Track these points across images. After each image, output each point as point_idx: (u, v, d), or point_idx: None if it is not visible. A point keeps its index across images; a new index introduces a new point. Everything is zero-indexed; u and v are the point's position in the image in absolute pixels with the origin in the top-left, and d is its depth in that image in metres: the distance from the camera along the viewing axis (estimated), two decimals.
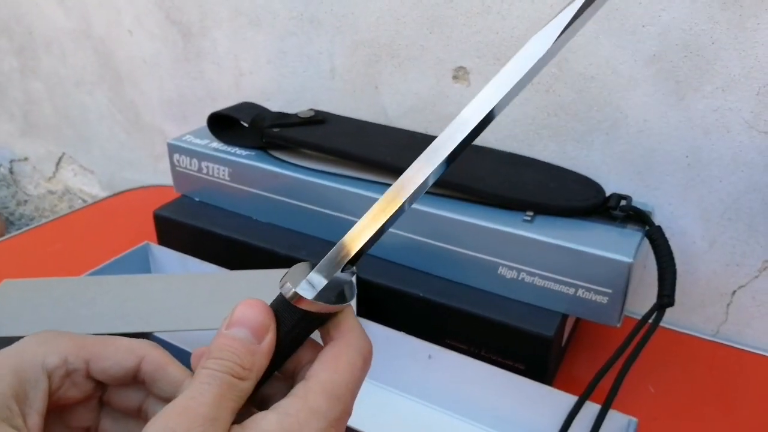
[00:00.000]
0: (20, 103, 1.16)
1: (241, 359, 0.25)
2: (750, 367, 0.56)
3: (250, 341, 0.26)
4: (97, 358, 0.29)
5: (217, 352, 0.25)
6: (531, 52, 0.28)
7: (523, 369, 0.50)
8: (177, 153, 0.66)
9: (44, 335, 0.30)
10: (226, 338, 0.26)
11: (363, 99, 0.73)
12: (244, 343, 0.26)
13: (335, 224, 0.58)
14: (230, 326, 0.26)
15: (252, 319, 0.26)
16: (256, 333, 0.26)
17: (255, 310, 0.26)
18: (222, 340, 0.26)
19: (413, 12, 0.65)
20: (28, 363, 0.28)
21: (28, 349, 0.29)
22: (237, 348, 0.25)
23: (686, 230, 0.59)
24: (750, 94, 0.53)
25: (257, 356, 0.26)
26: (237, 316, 0.26)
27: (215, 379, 0.24)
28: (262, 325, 0.26)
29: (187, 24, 0.84)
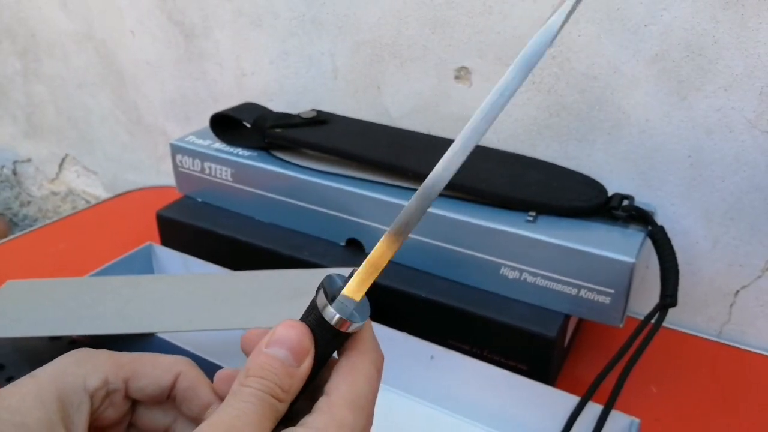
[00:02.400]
0: (23, 105, 1.16)
1: (281, 381, 0.25)
2: (753, 368, 0.56)
3: (290, 363, 0.26)
4: (135, 377, 0.30)
5: (258, 370, 0.25)
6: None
7: (525, 369, 0.49)
8: (179, 154, 0.66)
9: (82, 354, 0.30)
10: (267, 357, 0.26)
11: (365, 99, 0.73)
12: (284, 364, 0.26)
13: (338, 224, 0.58)
14: (271, 345, 0.26)
15: (293, 341, 0.26)
16: (296, 355, 0.26)
17: (297, 331, 0.26)
18: (263, 358, 0.26)
19: (415, 12, 0.65)
20: (70, 386, 0.28)
21: (69, 371, 0.29)
22: (277, 369, 0.25)
23: (689, 230, 0.59)
24: (752, 94, 0.53)
25: (295, 379, 0.26)
26: (278, 336, 0.26)
27: (257, 399, 0.25)
28: (302, 348, 0.26)
29: (189, 25, 0.84)
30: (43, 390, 0.28)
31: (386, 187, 0.56)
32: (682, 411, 0.51)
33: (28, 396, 0.28)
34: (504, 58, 0.62)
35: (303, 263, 0.57)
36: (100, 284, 0.53)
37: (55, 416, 0.27)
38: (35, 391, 0.28)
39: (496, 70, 0.63)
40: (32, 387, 0.28)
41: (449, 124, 0.69)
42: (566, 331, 0.51)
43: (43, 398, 0.27)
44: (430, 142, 0.62)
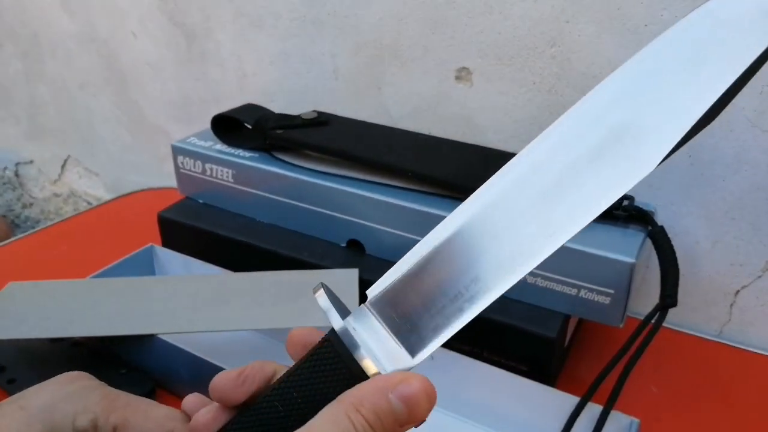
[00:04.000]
0: (25, 107, 1.16)
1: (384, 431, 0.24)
2: (753, 368, 0.56)
3: (401, 422, 0.24)
4: (126, 425, 0.29)
5: (367, 410, 0.24)
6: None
7: (525, 370, 0.50)
8: (181, 155, 0.66)
9: (76, 386, 0.29)
10: (388, 404, 0.24)
11: (366, 100, 0.73)
12: (396, 420, 0.24)
13: (339, 226, 0.58)
14: (398, 392, 0.24)
15: (419, 402, 0.24)
16: (412, 418, 0.24)
17: (427, 397, 0.24)
18: (380, 401, 0.24)
19: (415, 13, 0.65)
20: (58, 423, 0.28)
21: (59, 407, 0.28)
22: (387, 419, 0.24)
23: (689, 230, 0.59)
24: (753, 93, 0.52)
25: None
26: (408, 391, 0.24)
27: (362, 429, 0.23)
28: (422, 411, 0.24)
29: (190, 26, 0.84)
30: (31, 424, 0.27)
31: (387, 188, 0.56)
32: (682, 411, 0.51)
33: (13, 426, 0.27)
34: (504, 59, 0.62)
35: (304, 264, 0.57)
36: (101, 286, 0.53)
37: None
38: (23, 423, 0.27)
39: (497, 71, 0.63)
40: (20, 418, 0.28)
41: (450, 125, 0.69)
42: (566, 332, 0.51)
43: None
44: (431, 143, 0.62)
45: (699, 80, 0.22)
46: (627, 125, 0.23)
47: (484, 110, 0.66)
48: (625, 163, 0.23)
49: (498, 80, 0.63)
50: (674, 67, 0.23)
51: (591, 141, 0.24)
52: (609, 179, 0.23)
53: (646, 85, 0.23)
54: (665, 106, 0.23)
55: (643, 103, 0.23)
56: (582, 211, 0.24)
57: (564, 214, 0.24)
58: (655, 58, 0.23)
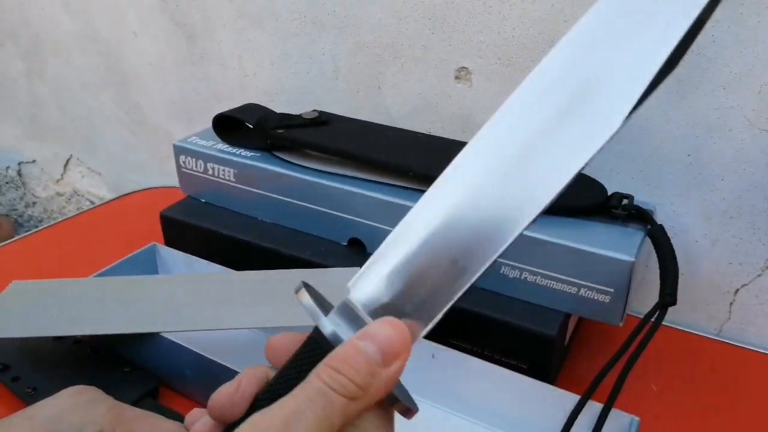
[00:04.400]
0: (27, 106, 1.17)
1: (362, 379, 0.23)
2: (753, 366, 0.56)
3: (376, 362, 0.23)
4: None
5: (337, 361, 0.23)
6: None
7: (526, 368, 0.50)
8: (183, 154, 0.67)
9: (82, 399, 0.30)
10: (356, 351, 0.23)
11: (366, 99, 0.74)
12: (369, 361, 0.23)
13: (340, 225, 0.59)
14: (363, 338, 0.24)
15: (388, 339, 0.24)
16: (386, 356, 0.23)
17: (394, 330, 0.24)
18: (348, 350, 0.24)
19: (415, 12, 0.66)
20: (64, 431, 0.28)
21: (65, 418, 0.28)
22: (361, 365, 0.23)
23: (688, 229, 0.60)
24: (751, 92, 0.53)
25: (377, 380, 0.23)
26: (373, 331, 0.24)
27: (323, 397, 0.22)
28: (394, 348, 0.24)
29: (191, 26, 0.84)
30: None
31: (387, 187, 0.56)
32: (681, 409, 0.51)
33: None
34: (503, 58, 0.63)
35: (305, 263, 0.58)
36: (104, 284, 0.54)
37: None
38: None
39: (496, 70, 0.63)
40: (27, 428, 0.28)
41: (449, 124, 0.69)
42: (566, 330, 0.51)
43: None
44: (431, 142, 0.63)
45: (655, 31, 0.22)
46: (588, 83, 0.23)
47: (483, 110, 0.66)
48: (591, 121, 0.23)
49: (497, 80, 0.64)
50: (628, 19, 0.22)
51: (554, 104, 0.23)
52: (578, 140, 0.23)
53: (602, 41, 0.23)
54: (624, 60, 0.22)
55: (601, 59, 0.23)
56: (554, 176, 0.23)
57: (533, 185, 0.23)
58: (606, 14, 0.23)
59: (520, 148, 0.24)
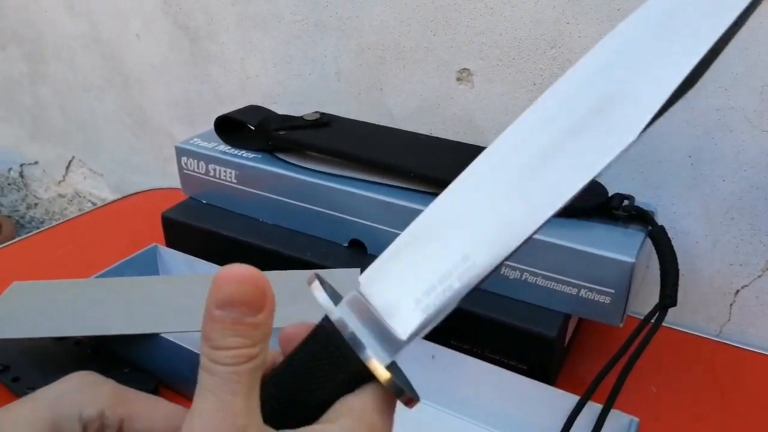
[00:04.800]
0: (30, 108, 1.17)
1: (249, 338, 0.23)
2: (753, 367, 0.56)
3: (250, 316, 0.23)
4: (131, 419, 0.29)
5: (221, 341, 0.23)
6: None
7: (525, 369, 0.50)
8: (185, 156, 0.67)
9: (85, 380, 0.30)
10: (224, 321, 0.23)
11: (368, 101, 0.74)
12: (244, 321, 0.23)
13: (341, 226, 0.59)
14: (221, 306, 0.23)
15: (243, 292, 0.23)
16: (251, 306, 0.23)
17: (242, 282, 0.24)
18: (219, 324, 0.23)
19: (417, 14, 0.66)
20: (65, 411, 0.28)
21: (68, 398, 0.29)
22: (239, 329, 0.23)
23: (689, 230, 0.60)
24: (753, 93, 0.53)
25: (261, 327, 0.24)
26: (224, 294, 0.23)
27: (237, 375, 0.23)
28: (256, 296, 0.24)
29: (194, 28, 0.85)
30: (38, 415, 0.28)
31: (388, 189, 0.57)
32: (681, 410, 0.51)
33: (20, 420, 0.28)
34: (505, 60, 0.63)
35: (306, 264, 0.58)
36: (105, 285, 0.54)
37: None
38: (29, 415, 0.28)
39: (498, 72, 0.64)
40: (27, 411, 0.28)
41: (451, 126, 0.69)
42: (566, 331, 0.51)
43: (36, 424, 0.27)
44: (433, 144, 0.63)
45: (675, 49, 0.22)
46: (607, 97, 0.23)
47: (485, 111, 0.66)
48: (607, 133, 0.23)
49: (499, 81, 0.64)
50: (650, 37, 0.23)
51: (572, 115, 0.24)
52: (592, 151, 0.23)
53: (624, 58, 0.23)
54: (644, 76, 0.23)
55: (621, 74, 0.23)
56: (566, 184, 0.24)
57: (548, 187, 0.24)
58: (630, 32, 0.24)
59: (537, 154, 0.24)
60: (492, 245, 0.25)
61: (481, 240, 0.25)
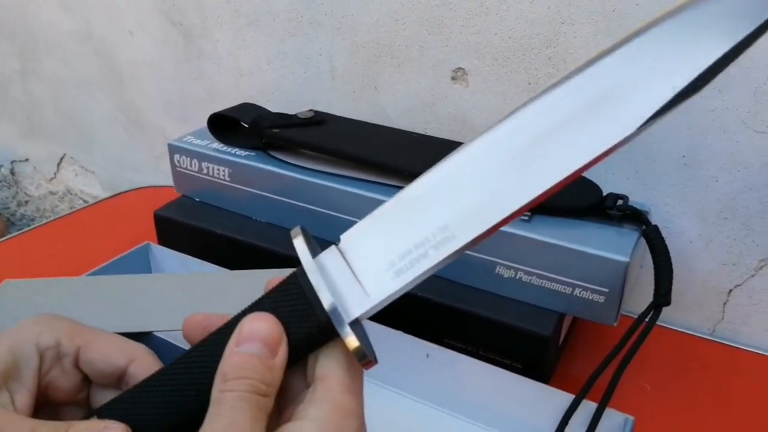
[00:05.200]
0: (22, 105, 1.16)
1: (263, 376, 0.24)
2: (746, 366, 0.56)
3: (266, 356, 0.25)
4: (87, 348, 0.30)
5: (236, 371, 0.24)
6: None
7: (520, 368, 0.50)
8: (177, 153, 0.66)
9: (43, 317, 0.31)
10: (242, 356, 0.25)
11: (362, 99, 0.74)
12: (261, 359, 0.25)
13: (334, 224, 0.59)
14: (242, 343, 0.25)
15: (264, 333, 0.25)
16: (270, 347, 0.25)
17: (265, 323, 0.25)
18: (237, 358, 0.25)
19: (412, 13, 0.66)
20: (23, 340, 0.29)
21: (26, 328, 0.30)
22: (255, 365, 0.24)
23: (683, 229, 0.60)
24: (747, 94, 0.53)
25: (275, 371, 0.25)
26: (248, 332, 0.25)
27: (245, 402, 0.24)
28: (274, 338, 0.25)
29: (187, 25, 0.84)
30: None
31: (383, 187, 0.56)
32: (675, 408, 0.51)
33: None
34: (500, 59, 0.63)
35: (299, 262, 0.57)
36: (97, 283, 0.53)
37: (3, 366, 0.28)
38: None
39: (493, 71, 0.64)
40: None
41: (446, 124, 0.69)
42: (561, 330, 0.51)
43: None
44: (427, 142, 0.63)
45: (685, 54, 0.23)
46: (614, 88, 0.24)
47: (479, 110, 0.66)
48: (604, 124, 0.23)
49: (494, 81, 0.64)
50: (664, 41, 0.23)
51: (573, 105, 0.24)
52: (590, 136, 0.24)
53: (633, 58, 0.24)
54: (651, 75, 0.23)
55: (629, 72, 0.24)
56: (556, 169, 0.24)
57: (538, 171, 0.24)
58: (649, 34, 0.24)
59: (535, 135, 0.24)
60: (473, 219, 0.25)
61: (463, 212, 0.25)
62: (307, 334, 0.26)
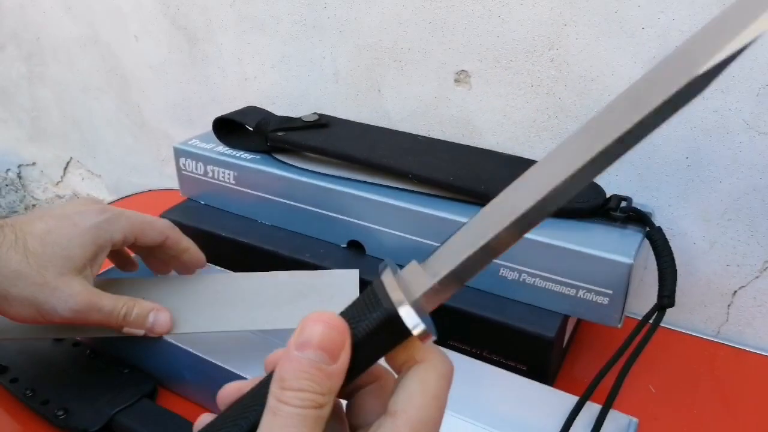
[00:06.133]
0: (28, 109, 1.17)
1: (321, 386, 0.23)
2: (751, 368, 0.56)
3: (326, 363, 0.23)
4: (142, 236, 0.48)
5: (293, 381, 0.23)
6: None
7: (524, 370, 0.50)
8: (183, 157, 0.67)
9: (112, 215, 0.46)
10: (301, 363, 0.23)
11: (366, 102, 0.74)
12: (320, 367, 0.23)
13: (339, 227, 0.59)
14: (301, 347, 0.24)
15: (324, 338, 0.24)
16: (330, 353, 0.24)
17: (326, 326, 0.24)
18: (296, 365, 0.23)
19: (415, 16, 0.66)
20: (103, 238, 0.45)
21: (103, 227, 0.45)
22: (314, 374, 0.23)
23: (686, 231, 0.60)
24: (749, 95, 0.53)
25: (334, 379, 0.24)
26: (307, 336, 0.24)
27: (301, 418, 0.23)
28: (335, 343, 0.24)
29: (192, 29, 0.85)
30: (85, 238, 0.44)
31: (387, 189, 0.57)
32: (680, 410, 0.51)
33: (74, 239, 0.43)
34: (503, 62, 0.63)
35: (305, 265, 0.58)
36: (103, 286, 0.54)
37: (90, 255, 0.44)
38: (79, 236, 0.44)
39: (495, 73, 0.64)
40: (76, 232, 0.44)
41: (449, 127, 0.69)
42: (565, 332, 0.51)
43: (85, 244, 0.44)
44: (431, 145, 0.63)
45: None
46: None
47: (482, 112, 0.66)
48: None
49: (496, 83, 0.64)
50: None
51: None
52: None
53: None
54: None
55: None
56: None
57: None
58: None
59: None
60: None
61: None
62: (370, 327, 0.24)
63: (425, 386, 0.25)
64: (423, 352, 0.25)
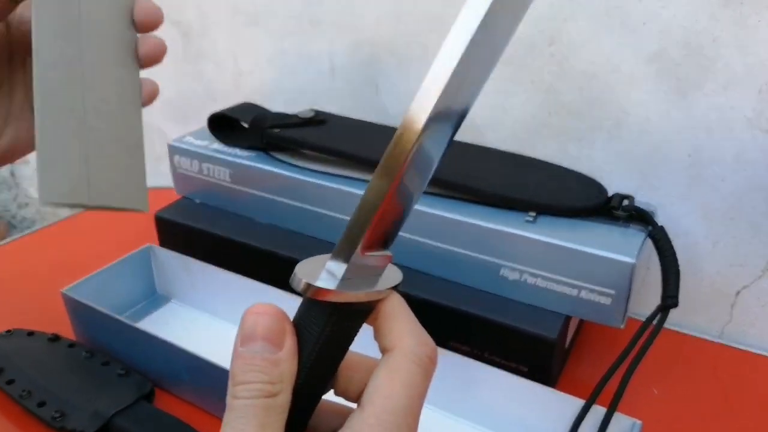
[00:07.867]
0: None
1: (268, 374, 0.24)
2: (755, 368, 0.56)
3: (269, 352, 0.24)
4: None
5: (241, 375, 0.24)
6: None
7: (526, 371, 0.49)
8: (177, 155, 0.66)
9: None
10: (245, 357, 0.24)
11: (363, 98, 0.73)
12: (265, 356, 0.24)
13: (336, 225, 0.58)
14: (245, 342, 0.24)
15: (264, 327, 0.24)
16: (272, 341, 0.24)
17: (264, 317, 0.24)
18: (241, 360, 0.24)
19: (413, 11, 0.65)
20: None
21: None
22: (260, 365, 0.24)
23: (689, 230, 0.59)
24: (752, 92, 0.52)
25: (283, 365, 0.24)
26: (248, 329, 0.24)
27: (251, 409, 0.23)
28: (274, 330, 0.24)
29: (186, 24, 0.84)
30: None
31: None
32: (683, 412, 0.50)
33: None
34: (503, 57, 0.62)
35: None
36: None
37: None
38: None
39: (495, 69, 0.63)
40: None
41: None
42: (567, 333, 0.51)
43: None
44: None
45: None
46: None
47: (482, 109, 0.65)
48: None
49: (496, 79, 0.63)
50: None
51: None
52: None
53: None
54: None
55: None
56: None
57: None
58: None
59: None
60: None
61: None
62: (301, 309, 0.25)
63: (394, 374, 0.24)
64: (393, 339, 0.25)
